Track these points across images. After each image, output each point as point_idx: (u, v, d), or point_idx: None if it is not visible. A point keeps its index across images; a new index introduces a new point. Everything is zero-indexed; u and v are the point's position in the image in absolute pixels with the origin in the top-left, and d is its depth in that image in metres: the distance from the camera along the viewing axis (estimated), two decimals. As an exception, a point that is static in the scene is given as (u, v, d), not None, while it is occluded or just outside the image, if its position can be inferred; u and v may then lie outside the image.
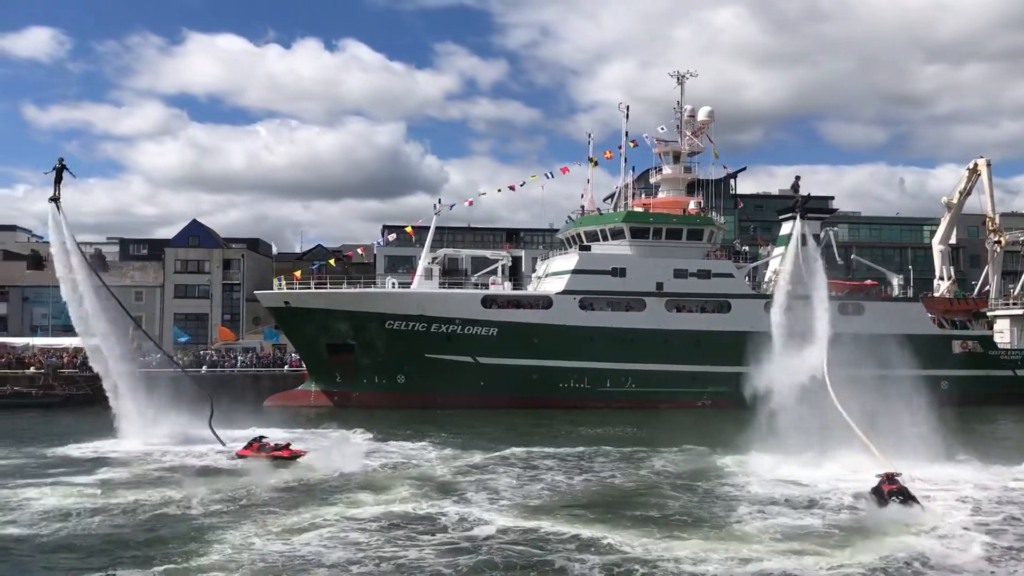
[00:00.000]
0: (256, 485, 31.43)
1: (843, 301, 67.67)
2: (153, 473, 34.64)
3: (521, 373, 62.23)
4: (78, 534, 24.57)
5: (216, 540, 23.52)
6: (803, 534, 24.91)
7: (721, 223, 71.46)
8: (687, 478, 33.87)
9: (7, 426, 50.02)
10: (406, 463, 37.01)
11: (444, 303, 63.29)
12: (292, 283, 66.09)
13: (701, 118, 71.91)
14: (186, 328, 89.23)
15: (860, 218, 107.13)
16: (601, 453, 39.86)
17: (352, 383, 63.84)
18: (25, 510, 27.18)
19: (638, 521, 26.25)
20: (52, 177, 44.83)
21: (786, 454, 35.00)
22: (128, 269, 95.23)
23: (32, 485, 30.97)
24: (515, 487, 31.65)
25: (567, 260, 66.79)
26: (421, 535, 24.47)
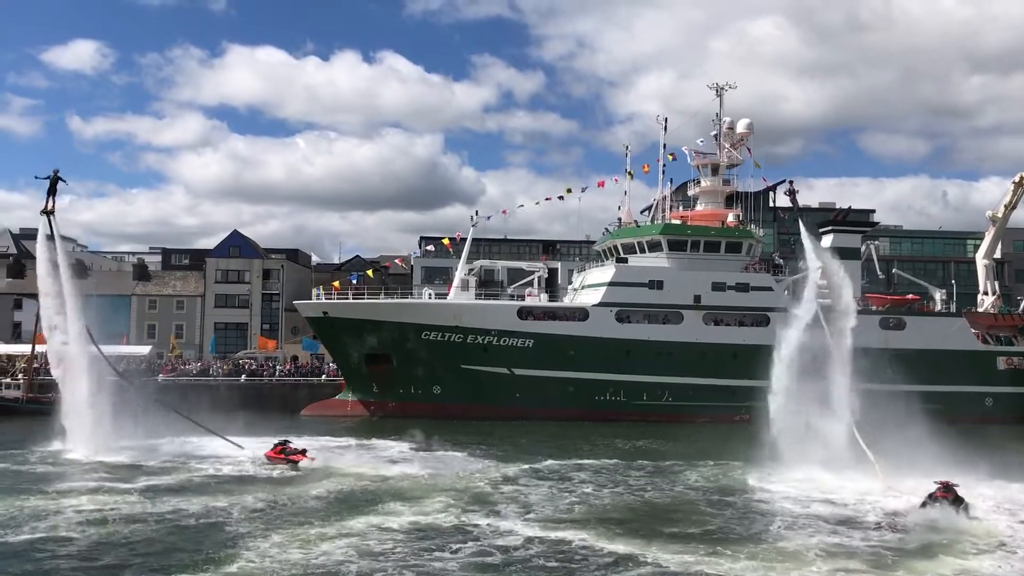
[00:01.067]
0: (296, 494, 31.72)
1: (884, 316, 66.86)
2: (194, 480, 35.02)
3: (557, 385, 62.10)
4: (108, 542, 24.76)
5: (244, 548, 23.74)
6: (848, 552, 24.57)
7: (760, 236, 70.88)
8: (722, 492, 33.62)
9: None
10: (441, 474, 37.03)
11: (480, 314, 63.39)
12: (330, 293, 66.61)
13: (740, 130, 71.47)
14: (226, 338, 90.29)
15: (902, 232, 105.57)
16: (636, 466, 39.67)
17: (389, 393, 64.12)
18: (62, 516, 27.59)
19: (675, 536, 26.03)
20: (46, 187, 44.36)
21: (809, 469, 35.38)
22: (170, 279, 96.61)
23: (69, 493, 31.54)
24: (548, 499, 31.57)
25: (604, 272, 66.61)
26: (449, 546, 24.49)
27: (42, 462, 38.80)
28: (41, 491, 31.56)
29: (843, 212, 76.14)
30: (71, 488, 32.22)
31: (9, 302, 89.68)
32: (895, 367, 63.86)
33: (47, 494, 31.02)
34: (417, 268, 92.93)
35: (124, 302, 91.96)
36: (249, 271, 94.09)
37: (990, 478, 33.89)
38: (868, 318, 66.09)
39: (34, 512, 27.98)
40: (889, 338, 65.29)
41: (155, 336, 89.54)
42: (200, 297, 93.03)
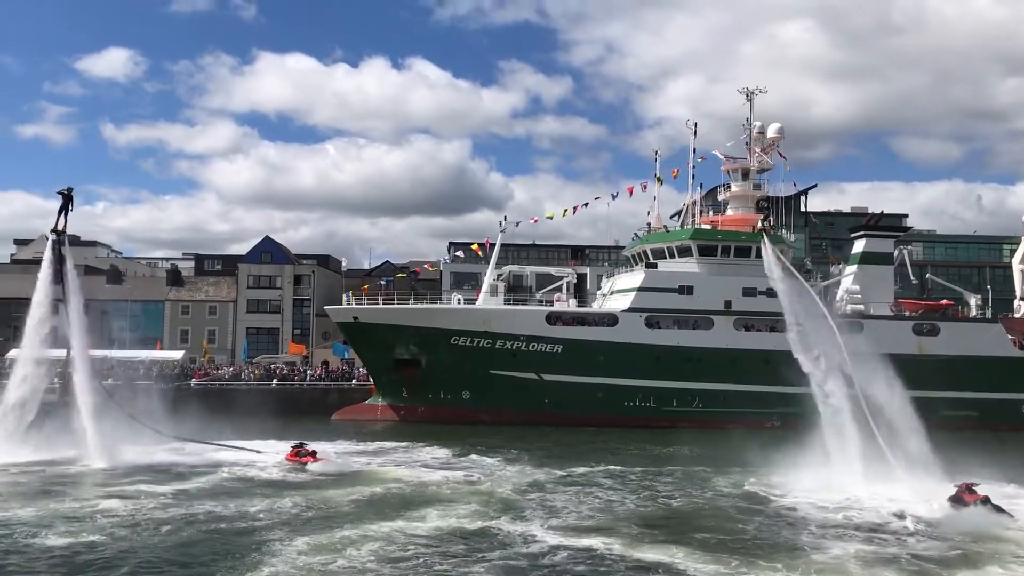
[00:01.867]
0: (326, 498, 31.95)
1: (918, 321, 66.09)
2: (224, 484, 35.35)
3: (586, 391, 62.01)
4: (138, 546, 24.98)
5: (270, 553, 23.84)
6: (885, 561, 24.30)
7: (791, 241, 70.37)
8: (750, 500, 33.41)
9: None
10: (469, 479, 37.13)
11: (509, 319, 63.47)
12: (361, 299, 67.02)
13: (770, 134, 71.07)
14: (257, 342, 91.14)
15: (935, 236, 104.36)
16: (665, 472, 39.52)
17: (418, 398, 64.37)
18: (95, 520, 27.93)
19: (706, 545, 25.81)
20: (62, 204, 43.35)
21: (831, 475, 35.25)
22: (202, 284, 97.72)
23: (107, 496, 32.00)
24: (576, 506, 31.51)
25: (633, 277, 66.44)
26: (475, 552, 24.51)
27: (67, 466, 39.17)
28: (70, 495, 32.04)
29: (875, 217, 75.37)
30: (100, 493, 32.66)
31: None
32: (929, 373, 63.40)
33: (77, 498, 31.46)
34: (446, 273, 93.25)
35: (158, 307, 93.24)
36: (280, 277, 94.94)
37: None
38: (901, 324, 65.55)
39: (66, 515, 28.38)
40: (923, 344, 64.65)
41: (188, 341, 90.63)
42: (232, 302, 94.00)
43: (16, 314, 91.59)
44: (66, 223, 43.53)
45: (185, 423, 48.01)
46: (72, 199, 43.06)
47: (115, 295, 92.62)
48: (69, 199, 42.91)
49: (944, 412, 63.03)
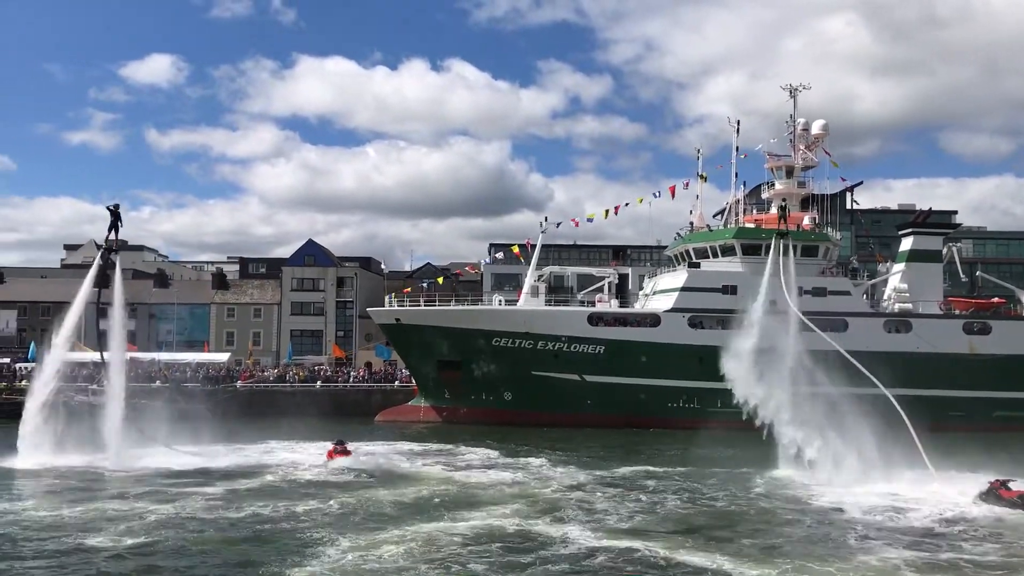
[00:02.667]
0: (371, 498, 32.12)
1: (968, 320, 64.74)
2: (274, 485, 35.64)
3: (629, 392, 61.61)
4: (179, 546, 25.24)
5: (311, 554, 23.99)
6: (936, 566, 23.77)
7: (837, 239, 69.32)
8: (795, 501, 32.95)
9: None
10: (512, 480, 37.06)
11: (550, 321, 63.31)
12: (403, 300, 67.33)
13: (815, 131, 70.04)
14: (301, 344, 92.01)
15: (986, 233, 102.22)
16: (708, 474, 39.06)
17: (460, 399, 64.49)
18: (144, 520, 28.30)
19: (753, 549, 25.44)
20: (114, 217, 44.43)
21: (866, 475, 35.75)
22: (247, 287, 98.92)
23: (150, 495, 32.48)
24: (618, 508, 31.26)
25: (675, 277, 65.88)
26: (514, 554, 24.42)
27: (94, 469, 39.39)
28: (115, 496, 32.56)
29: (923, 214, 73.90)
30: (141, 492, 33.12)
31: (94, 311, 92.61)
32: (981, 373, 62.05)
33: (121, 498, 31.99)
34: (487, 275, 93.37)
35: (204, 310, 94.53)
36: (324, 279, 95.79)
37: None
38: (951, 323, 64.25)
39: (112, 516, 28.79)
40: (974, 343, 63.30)
41: (234, 343, 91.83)
42: (276, 305, 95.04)
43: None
44: (117, 237, 45.20)
45: (233, 425, 48.56)
46: (119, 215, 44.21)
47: (162, 299, 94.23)
48: (117, 215, 44.02)
49: (997, 412, 61.86)
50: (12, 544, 24.91)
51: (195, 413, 64.28)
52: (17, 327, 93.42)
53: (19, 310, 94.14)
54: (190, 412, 65.39)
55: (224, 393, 69.97)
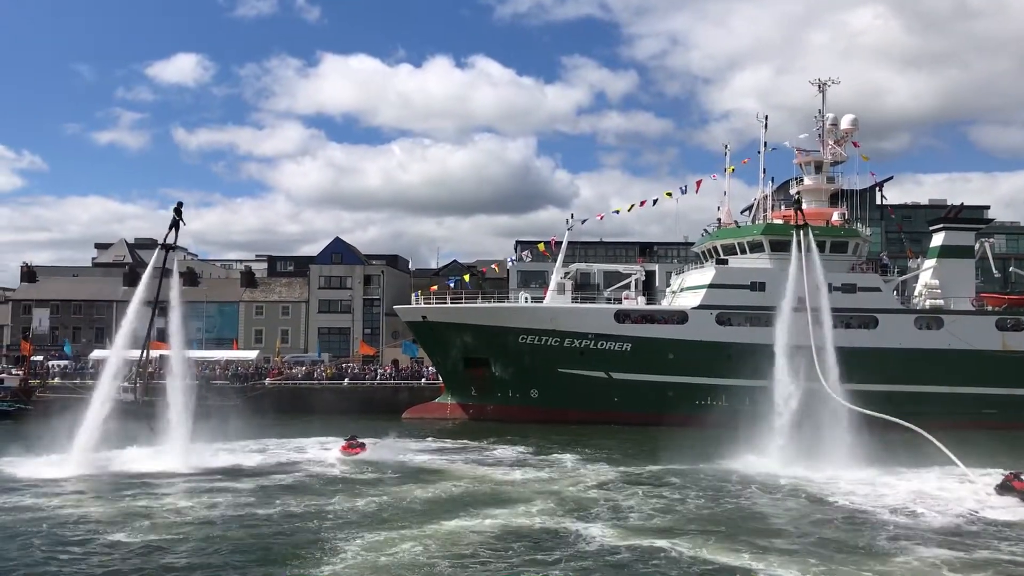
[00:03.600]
0: (400, 494, 32.26)
1: (1001, 316, 63.85)
2: (303, 482, 35.87)
3: (656, 389, 61.33)
4: (209, 541, 25.54)
5: (334, 550, 24.19)
6: (974, 565, 23.47)
7: (867, 235, 68.57)
8: (819, 502, 32.70)
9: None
10: (539, 478, 37.08)
11: (577, 318, 63.16)
12: (429, 298, 67.46)
13: (844, 126, 69.23)
14: (329, 342, 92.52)
15: (1019, 228, 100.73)
16: (734, 472, 38.79)
17: (487, 397, 64.52)
18: (169, 517, 28.69)
19: (782, 549, 25.24)
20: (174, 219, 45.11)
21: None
22: (275, 285, 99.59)
23: (184, 493, 32.83)
24: (645, 506, 31.18)
25: (703, 274, 65.50)
26: (538, 551, 24.47)
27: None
28: (146, 493, 32.92)
29: (955, 209, 72.97)
30: (180, 490, 33.47)
31: (126, 309, 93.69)
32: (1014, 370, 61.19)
33: (152, 495, 32.36)
34: (513, 272, 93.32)
35: (232, 308, 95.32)
36: (351, 277, 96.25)
37: None
38: (984, 319, 63.39)
39: (141, 513, 29.16)
40: (1007, 340, 62.42)
41: (262, 341, 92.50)
42: (304, 303, 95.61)
43: (98, 315, 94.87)
44: (177, 235, 46.07)
45: (263, 422, 49.04)
46: (181, 214, 45.30)
47: (191, 296, 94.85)
48: (179, 214, 45.16)
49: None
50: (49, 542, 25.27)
51: (226, 411, 64.83)
52: (50, 325, 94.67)
53: (52, 308, 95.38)
54: (220, 409, 66.13)
55: (253, 391, 70.52)
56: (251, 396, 68.31)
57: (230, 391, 69.08)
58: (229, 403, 66.28)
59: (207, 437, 43.70)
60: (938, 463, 37.32)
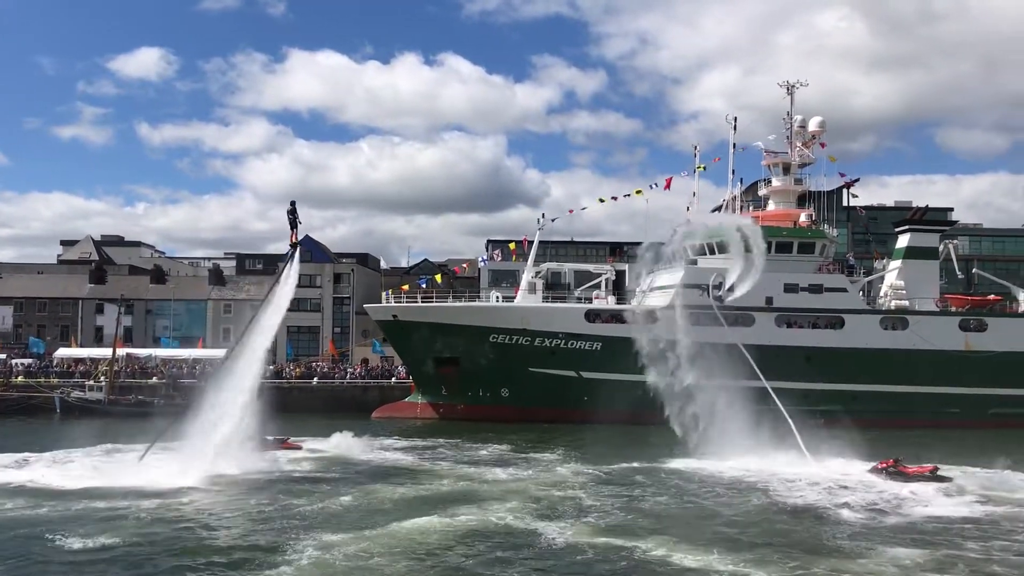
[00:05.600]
0: (369, 493, 32.18)
1: (964, 317, 64.87)
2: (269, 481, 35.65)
3: (627, 389, 61.56)
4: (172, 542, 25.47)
5: (296, 549, 24.20)
6: (951, 561, 23.85)
7: (833, 236, 69.39)
8: (786, 504, 33.06)
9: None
10: (508, 477, 37.15)
11: (548, 317, 63.32)
12: (400, 297, 67.29)
13: (812, 128, 70.01)
14: (298, 341, 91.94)
15: (982, 230, 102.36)
16: (705, 473, 39.10)
17: (457, 396, 64.47)
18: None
19: (743, 545, 25.59)
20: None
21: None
22: (244, 283, 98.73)
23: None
24: (613, 505, 31.34)
25: (673, 274, 65.89)
26: (505, 548, 24.66)
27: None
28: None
29: (920, 211, 74.04)
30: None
31: (92, 307, 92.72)
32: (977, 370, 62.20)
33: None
34: (484, 271, 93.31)
35: (200, 306, 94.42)
36: (320, 275, 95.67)
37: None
38: (947, 320, 64.37)
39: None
40: (970, 340, 63.45)
41: (231, 339, 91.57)
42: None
43: (63, 313, 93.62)
44: (296, 232, 44.11)
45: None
46: (296, 211, 43.93)
47: (159, 295, 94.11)
48: (294, 212, 43.91)
49: (993, 409, 62.03)
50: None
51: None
52: (13, 323, 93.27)
53: (15, 306, 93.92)
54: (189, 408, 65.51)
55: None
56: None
57: (198, 390, 68.34)
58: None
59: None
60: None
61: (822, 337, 62.93)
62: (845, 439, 40.23)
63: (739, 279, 57.66)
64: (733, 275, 57.82)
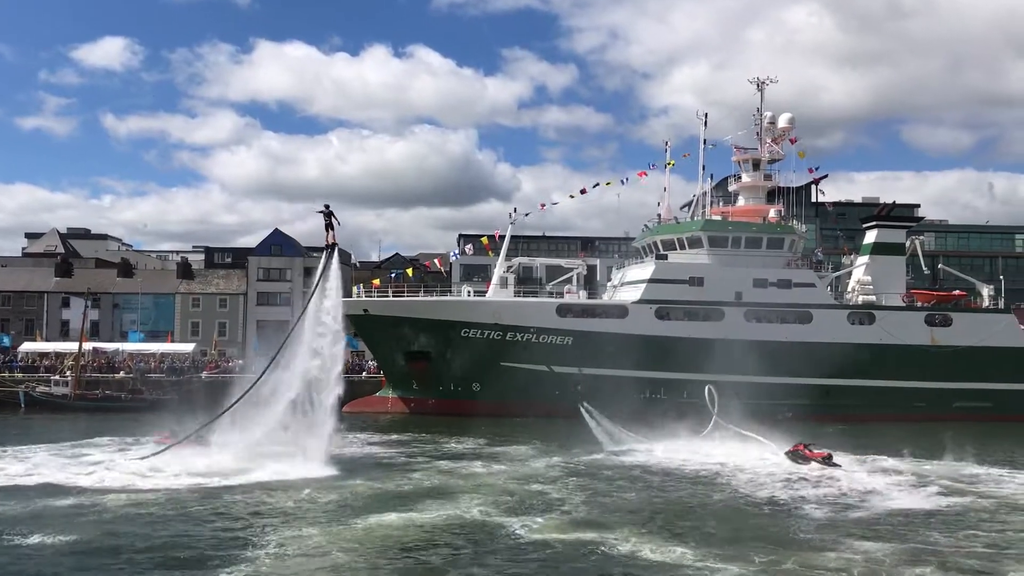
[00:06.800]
0: (331, 493, 32.01)
1: (930, 312, 65.77)
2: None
3: (597, 383, 61.76)
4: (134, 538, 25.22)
5: (259, 544, 24.03)
6: (917, 554, 24.11)
7: (802, 231, 70.05)
8: (750, 494, 33.40)
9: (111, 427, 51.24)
10: (477, 471, 37.13)
11: (519, 312, 63.38)
12: (371, 291, 67.01)
13: (782, 125, 70.57)
14: (268, 335, 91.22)
15: (947, 226, 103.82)
16: (677, 467, 39.36)
17: (429, 390, 64.39)
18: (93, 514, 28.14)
19: (711, 540, 25.79)
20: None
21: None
22: (213, 277, 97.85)
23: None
24: (581, 498, 31.44)
25: (643, 269, 66.23)
26: (472, 544, 24.63)
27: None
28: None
29: (887, 207, 74.90)
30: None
31: (58, 300, 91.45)
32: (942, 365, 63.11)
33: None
34: (456, 266, 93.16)
35: (168, 300, 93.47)
36: (291, 269, 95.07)
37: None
38: (913, 315, 65.25)
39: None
40: (935, 335, 64.35)
41: (199, 334, 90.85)
42: (243, 295, 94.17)
43: (28, 307, 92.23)
44: (334, 235, 42.71)
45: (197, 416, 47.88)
46: (332, 214, 43.00)
47: (126, 288, 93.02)
48: (329, 215, 42.99)
49: (957, 403, 63.00)
50: None
51: (162, 404, 63.53)
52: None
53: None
54: (157, 403, 64.87)
55: (189, 384, 69.30)
56: (186, 390, 67.10)
57: (167, 385, 67.86)
58: (165, 397, 65.25)
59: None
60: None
61: (790, 332, 63.55)
62: (779, 428, 44.25)
63: None
64: None
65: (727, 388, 61.23)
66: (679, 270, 64.00)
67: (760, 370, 60.99)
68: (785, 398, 61.24)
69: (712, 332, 62.68)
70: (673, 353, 61.42)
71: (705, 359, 60.63)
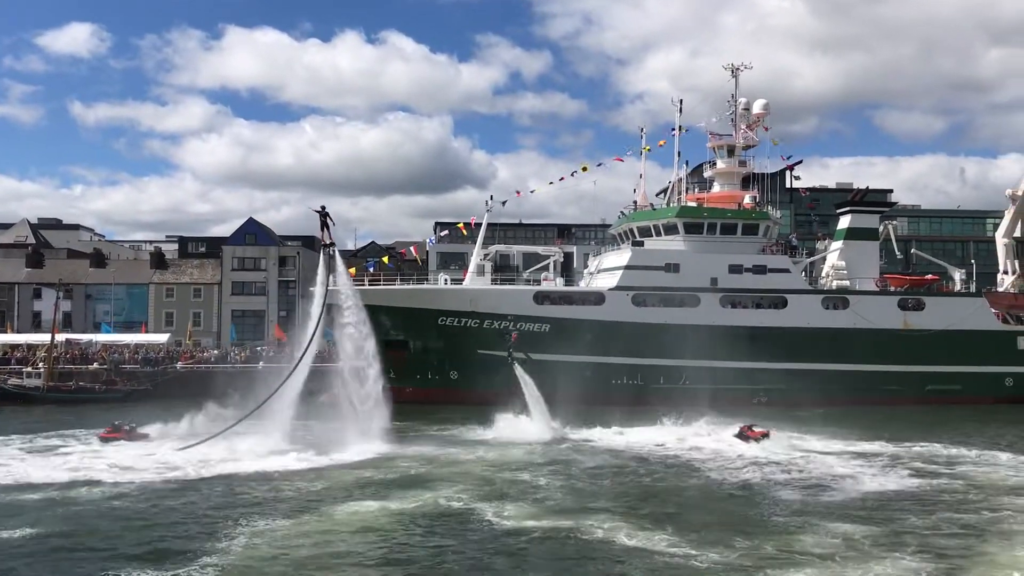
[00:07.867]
0: (309, 483, 31.91)
1: (903, 296, 66.41)
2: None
3: (574, 370, 61.90)
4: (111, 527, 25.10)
5: (230, 536, 23.95)
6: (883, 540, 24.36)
7: (777, 217, 70.42)
8: (737, 481, 33.64)
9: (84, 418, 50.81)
10: (455, 459, 37.24)
11: (496, 299, 63.34)
12: (346, 280, 66.53)
13: (756, 111, 70.82)
14: (243, 325, 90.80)
15: (920, 211, 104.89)
16: (651, 453, 39.60)
17: (406, 379, 64.15)
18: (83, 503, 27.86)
19: (697, 525, 25.94)
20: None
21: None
22: (187, 267, 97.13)
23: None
24: (556, 486, 31.52)
25: (620, 256, 66.35)
26: (451, 533, 24.68)
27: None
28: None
29: (861, 192, 75.49)
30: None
31: (29, 292, 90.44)
32: (914, 348, 63.83)
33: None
34: (432, 253, 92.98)
35: (142, 290, 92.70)
36: (265, 258, 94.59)
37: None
38: (887, 299, 65.86)
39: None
40: (908, 319, 65.01)
41: (173, 324, 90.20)
42: (217, 285, 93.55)
43: (1, 298, 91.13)
44: (331, 238, 45.39)
45: (175, 408, 47.76)
46: (327, 215, 44.30)
47: (99, 279, 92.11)
48: (325, 215, 44.18)
49: (929, 386, 63.77)
50: None
51: (136, 395, 63.09)
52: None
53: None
54: (131, 394, 64.40)
55: (164, 375, 68.79)
56: (161, 381, 66.64)
57: (141, 376, 67.32)
58: (140, 388, 64.80)
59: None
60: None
61: (766, 317, 63.96)
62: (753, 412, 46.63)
63: None
64: None
65: (703, 373, 62.27)
66: (655, 257, 64.17)
67: (736, 355, 61.43)
68: (760, 383, 61.73)
69: (688, 318, 62.98)
70: (650, 339, 61.66)
71: (681, 345, 61.07)
